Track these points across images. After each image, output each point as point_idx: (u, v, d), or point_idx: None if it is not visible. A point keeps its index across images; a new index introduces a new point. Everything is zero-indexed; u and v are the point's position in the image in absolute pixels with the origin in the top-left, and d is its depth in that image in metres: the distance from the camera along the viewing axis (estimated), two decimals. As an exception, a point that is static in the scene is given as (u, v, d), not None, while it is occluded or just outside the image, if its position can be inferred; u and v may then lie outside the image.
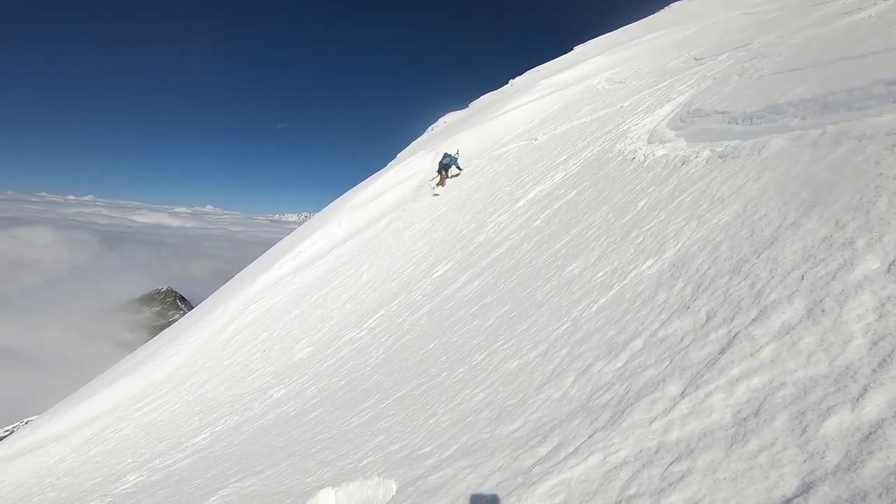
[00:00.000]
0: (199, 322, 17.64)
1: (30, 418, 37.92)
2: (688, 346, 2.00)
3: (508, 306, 3.98)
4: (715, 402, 1.62)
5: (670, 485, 1.43)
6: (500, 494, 1.90)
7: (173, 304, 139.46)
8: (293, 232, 30.90)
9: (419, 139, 35.61)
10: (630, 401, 1.91)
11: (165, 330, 25.95)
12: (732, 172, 3.33)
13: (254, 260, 27.59)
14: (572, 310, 3.03)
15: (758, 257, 2.22)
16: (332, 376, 6.64)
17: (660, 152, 5.29)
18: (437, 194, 14.16)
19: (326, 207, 29.09)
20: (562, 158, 9.49)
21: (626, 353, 2.24)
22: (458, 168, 15.30)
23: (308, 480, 3.35)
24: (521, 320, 3.48)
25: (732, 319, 1.95)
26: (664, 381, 1.89)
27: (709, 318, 2.08)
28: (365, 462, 3.05)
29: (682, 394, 1.76)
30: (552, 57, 35.51)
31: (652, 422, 1.73)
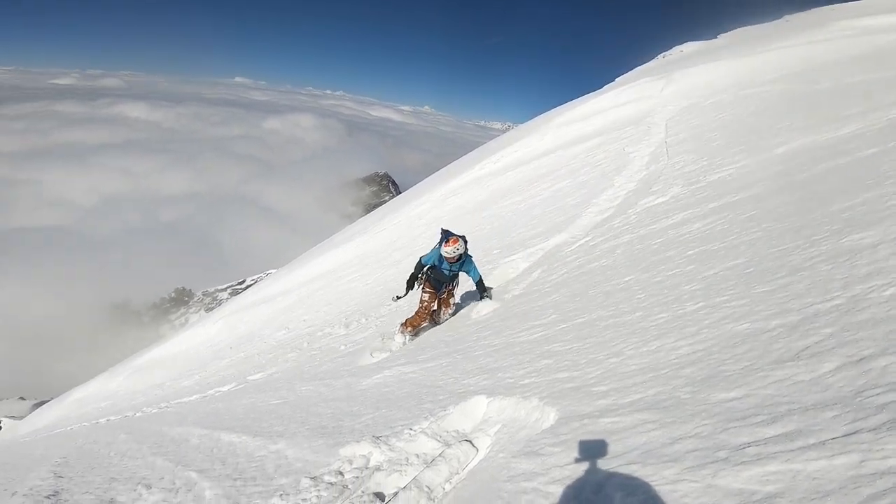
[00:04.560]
0: (405, 207, 19.68)
1: (270, 271, 49.17)
2: None
3: (744, 260, 3.22)
4: None
5: (947, 511, 1.01)
6: (689, 462, 1.53)
7: (386, 187, 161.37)
8: (496, 138, 31.32)
9: (646, 65, 31.79)
10: (933, 415, 1.29)
11: (377, 209, 29.95)
12: None
13: (458, 158, 29.14)
14: (851, 286, 2.23)
15: None
16: (509, 282, 6.67)
17: None
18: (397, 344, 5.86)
19: (531, 120, 28.44)
20: (855, 110, 7.15)
21: (943, 359, 1.52)
22: (482, 288, 5.91)
23: (464, 382, 3.35)
24: (761, 279, 2.75)
25: None
26: None
27: None
28: (526, 381, 2.90)
29: None
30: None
31: (961, 446, 1.15)
